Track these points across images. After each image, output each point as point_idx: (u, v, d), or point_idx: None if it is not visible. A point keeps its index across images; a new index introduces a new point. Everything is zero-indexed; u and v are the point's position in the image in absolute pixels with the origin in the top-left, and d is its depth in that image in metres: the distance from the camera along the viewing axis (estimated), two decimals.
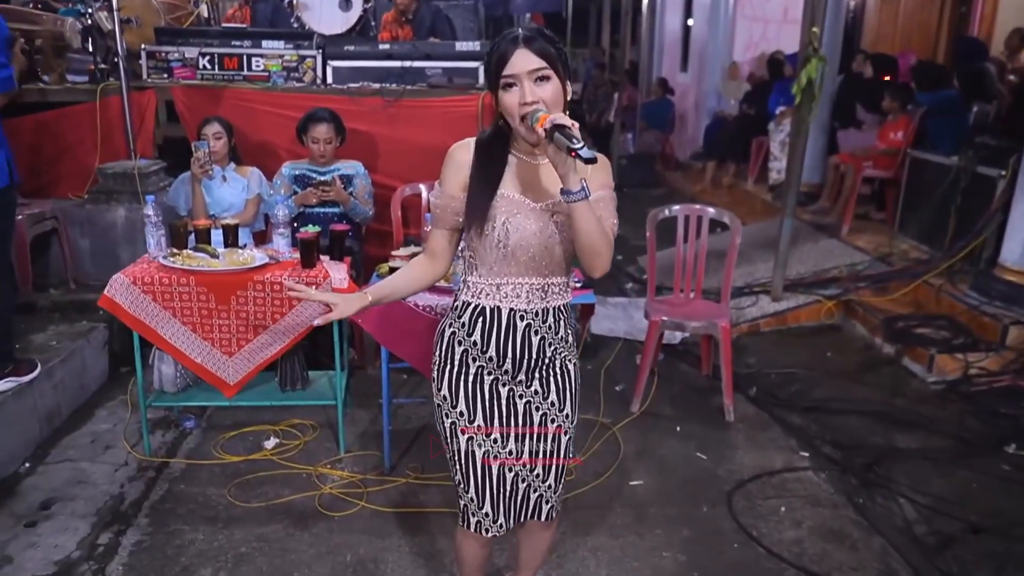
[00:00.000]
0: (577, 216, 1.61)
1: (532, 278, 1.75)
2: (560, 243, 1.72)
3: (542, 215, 1.70)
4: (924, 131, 5.55)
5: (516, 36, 1.61)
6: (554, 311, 1.79)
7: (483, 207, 1.69)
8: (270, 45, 4.70)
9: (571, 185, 1.57)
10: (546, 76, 1.61)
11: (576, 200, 1.58)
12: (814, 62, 4.08)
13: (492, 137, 1.73)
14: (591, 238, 1.64)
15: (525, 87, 1.59)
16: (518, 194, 1.70)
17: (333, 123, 3.87)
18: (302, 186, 3.86)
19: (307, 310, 2.90)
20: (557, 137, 1.49)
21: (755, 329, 4.56)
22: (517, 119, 1.61)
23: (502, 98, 1.62)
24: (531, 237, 1.70)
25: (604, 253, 1.67)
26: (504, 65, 1.60)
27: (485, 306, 1.76)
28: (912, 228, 5.27)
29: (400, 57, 4.74)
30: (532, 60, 1.59)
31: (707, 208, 3.67)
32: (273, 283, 2.86)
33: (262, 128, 4.47)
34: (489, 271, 1.74)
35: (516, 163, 1.72)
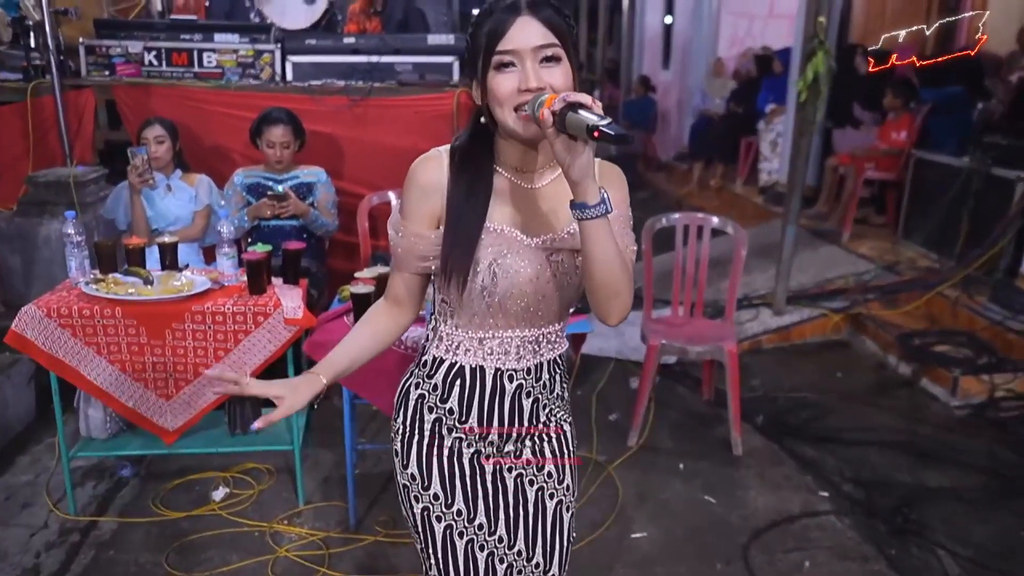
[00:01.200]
0: (592, 240, 1.20)
1: (524, 330, 1.35)
2: (560, 288, 1.33)
3: (538, 254, 1.30)
4: (926, 130, 5.24)
5: (517, 2, 1.20)
6: (549, 365, 1.40)
7: (467, 251, 1.27)
8: (223, 39, 4.26)
9: (587, 195, 1.17)
10: (555, 56, 1.20)
11: (593, 217, 1.18)
12: (820, 55, 3.73)
13: (471, 146, 1.31)
14: (609, 271, 1.23)
15: (528, 68, 1.19)
16: (508, 227, 1.29)
17: (291, 125, 3.46)
18: (257, 196, 3.44)
19: (258, 343, 2.49)
20: (571, 118, 1.08)
21: (757, 346, 4.21)
22: (509, 110, 1.21)
23: (494, 83, 1.21)
24: (525, 284, 1.29)
25: (625, 291, 1.27)
26: (499, 38, 1.19)
27: (464, 365, 1.36)
28: (918, 234, 4.96)
29: (367, 52, 4.33)
30: (538, 32, 1.19)
31: (710, 217, 3.31)
32: (216, 313, 2.44)
33: (214, 131, 4.03)
34: (469, 322, 1.34)
35: (504, 184, 1.31)
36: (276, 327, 2.47)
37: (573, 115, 1.08)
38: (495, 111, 1.24)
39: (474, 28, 1.24)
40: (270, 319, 2.46)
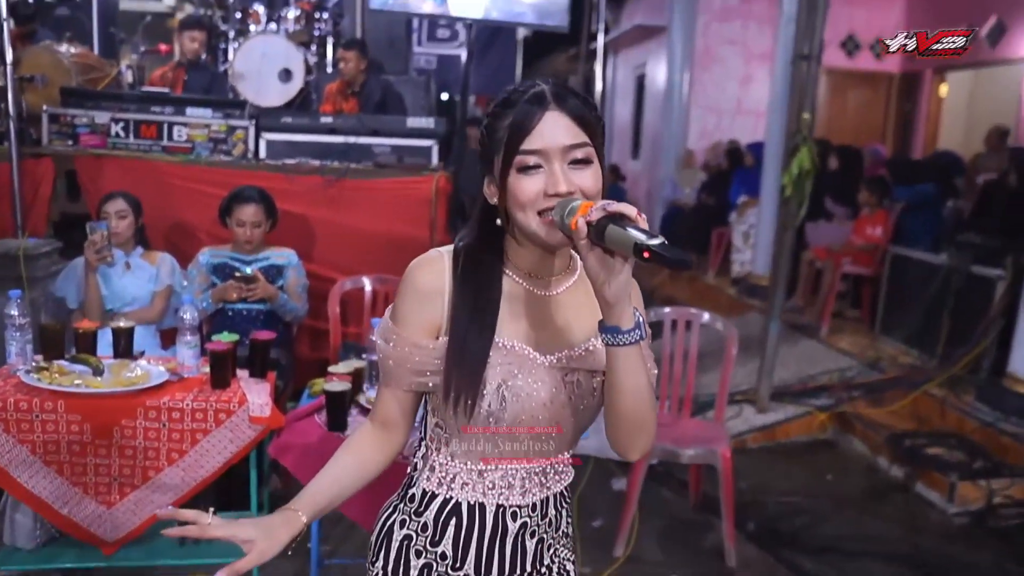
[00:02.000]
0: (622, 369, 1.05)
1: (532, 461, 1.16)
2: (576, 413, 1.15)
3: (553, 374, 1.12)
4: (900, 226, 5.29)
5: (541, 92, 1.06)
6: (556, 499, 1.21)
7: (475, 372, 1.08)
8: (195, 113, 4.13)
9: (621, 319, 1.02)
10: (586, 158, 1.06)
11: (626, 343, 1.03)
12: (805, 150, 3.73)
13: (479, 247, 1.14)
14: (639, 404, 1.08)
15: (556, 171, 1.04)
16: (520, 343, 1.12)
17: (263, 204, 3.29)
18: (223, 277, 3.23)
19: (218, 444, 2.24)
20: (613, 232, 0.93)
21: (741, 445, 4.05)
22: (532, 214, 1.06)
23: (516, 186, 1.06)
24: (538, 409, 1.11)
25: (651, 424, 1.12)
26: (524, 135, 1.04)
27: (461, 501, 1.16)
28: (897, 330, 4.93)
29: (344, 132, 4.24)
30: (568, 130, 1.04)
31: (701, 313, 3.19)
32: (173, 410, 2.19)
33: (180, 207, 3.85)
34: (469, 451, 1.15)
35: (514, 290, 1.14)
36: (240, 426, 2.23)
37: (616, 228, 0.94)
38: (514, 214, 1.08)
39: (491, 120, 1.09)
40: (233, 417, 2.22)
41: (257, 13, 6.01)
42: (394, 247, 3.88)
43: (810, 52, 3.75)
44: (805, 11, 3.78)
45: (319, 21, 6.16)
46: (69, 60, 4.61)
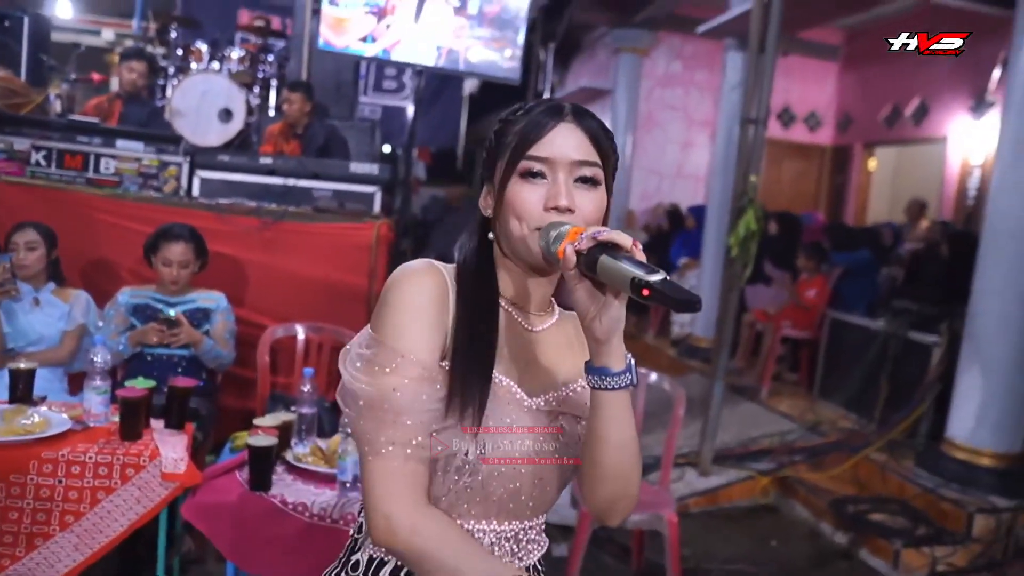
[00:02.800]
0: (610, 417, 0.93)
1: (504, 523, 1.01)
2: (564, 467, 1.02)
3: (539, 418, 0.99)
4: (836, 291, 5.38)
5: (560, 105, 0.98)
6: (528, 573, 1.06)
7: (479, 413, 0.94)
8: (126, 146, 3.92)
9: (610, 359, 0.90)
10: (594, 179, 0.97)
11: (616, 387, 0.92)
12: (751, 212, 3.75)
13: (479, 266, 1.01)
14: (625, 459, 0.96)
15: (560, 183, 0.94)
16: (506, 378, 0.99)
17: (192, 243, 3.09)
18: (143, 319, 3.00)
19: (123, 504, 2.00)
20: (607, 264, 0.83)
21: (684, 510, 3.93)
22: (527, 227, 0.95)
23: (514, 191, 0.96)
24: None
25: (636, 484, 1.00)
26: (534, 141, 0.95)
27: None
28: (835, 394, 4.95)
29: (284, 173, 4.09)
30: (581, 145, 0.96)
31: (649, 373, 3.10)
32: (72, 463, 1.95)
33: (102, 243, 3.61)
34: None
35: (506, 322, 1.02)
36: (150, 483, 2.00)
37: (609, 261, 0.83)
38: (509, 224, 0.97)
39: (502, 126, 1.00)
40: (143, 472, 1.99)
41: (200, 51, 5.88)
42: (330, 295, 3.72)
43: (757, 116, 3.81)
44: (753, 76, 3.84)
45: (264, 63, 6.06)
46: None
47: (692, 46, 8.34)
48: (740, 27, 4.90)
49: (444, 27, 4.87)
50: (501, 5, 5.08)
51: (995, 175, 3.63)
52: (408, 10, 4.76)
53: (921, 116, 7.60)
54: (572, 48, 9.89)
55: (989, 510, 3.42)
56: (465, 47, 5.25)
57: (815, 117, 8.89)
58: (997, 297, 3.50)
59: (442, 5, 4.94)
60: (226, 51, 5.95)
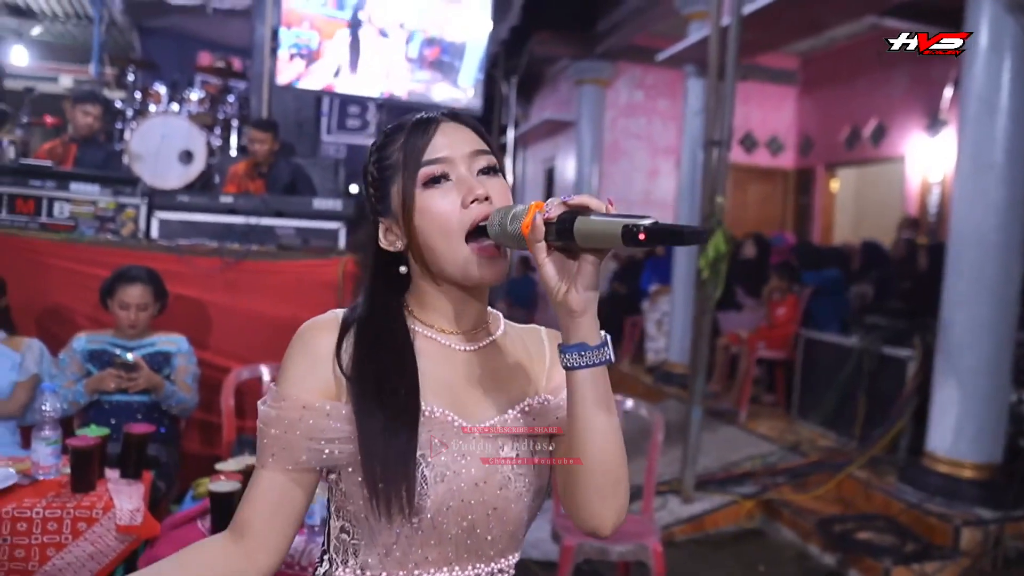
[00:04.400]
0: (591, 399, 0.86)
1: (467, 566, 0.93)
2: (517, 498, 0.93)
3: (486, 445, 0.92)
4: (808, 311, 5.40)
5: (431, 115, 0.95)
6: None
7: (407, 452, 0.87)
8: (81, 189, 3.81)
9: (588, 333, 0.84)
10: (492, 167, 0.93)
11: (595, 363, 0.85)
12: (720, 234, 3.74)
13: (378, 313, 0.96)
14: (610, 448, 0.89)
15: (468, 177, 0.91)
16: (440, 408, 0.92)
17: (151, 285, 2.98)
18: (100, 365, 2.88)
19: (75, 561, 1.87)
20: (587, 225, 0.78)
21: (669, 538, 3.84)
22: (458, 240, 0.89)
23: (426, 204, 0.90)
24: (469, 491, 0.90)
25: (625, 481, 0.92)
26: (425, 146, 0.91)
27: None
28: (813, 413, 4.92)
29: (245, 212, 4.00)
30: (469, 138, 0.93)
31: (625, 400, 3.04)
32: (18, 520, 1.82)
33: (56, 289, 3.48)
34: (384, 559, 0.91)
35: (428, 348, 0.96)
36: (104, 536, 1.88)
37: (589, 220, 0.78)
38: (436, 246, 0.91)
39: (379, 152, 0.95)
40: (96, 526, 1.87)
41: (158, 93, 5.80)
42: None
43: (720, 138, 3.82)
44: (714, 100, 3.87)
45: (224, 104, 5.99)
46: None
47: (653, 76, 8.46)
48: (699, 54, 4.97)
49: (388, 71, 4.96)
50: (441, 47, 5.15)
51: (955, 188, 3.67)
52: (341, 58, 4.83)
53: (879, 136, 7.75)
54: (535, 81, 9.98)
55: (975, 522, 3.38)
56: (408, 90, 5.30)
57: (776, 142, 9.03)
58: (965, 307, 3.52)
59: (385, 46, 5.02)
60: (185, 93, 5.88)
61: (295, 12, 5.13)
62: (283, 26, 5.13)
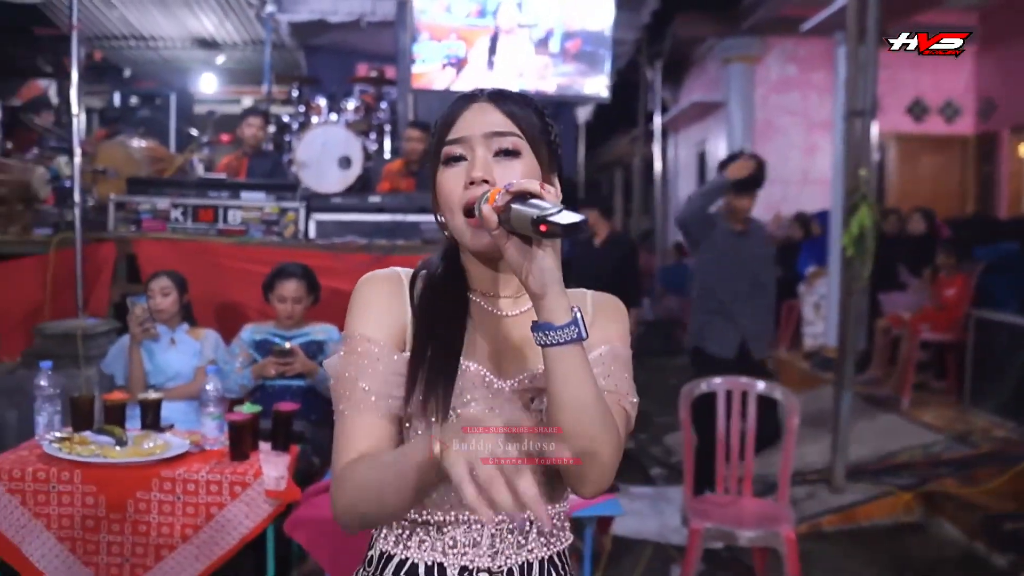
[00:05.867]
0: (560, 375, 0.90)
1: (500, 511, 1.01)
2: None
3: (512, 401, 0.99)
4: (981, 289, 4.92)
5: (476, 91, 1.01)
6: (542, 568, 1.03)
7: (445, 400, 0.96)
8: (250, 197, 4.27)
9: (553, 313, 0.88)
10: (514, 149, 0.97)
11: (561, 342, 0.89)
12: (865, 209, 3.53)
13: (442, 268, 1.05)
14: (581, 419, 0.91)
15: (478, 158, 0.96)
16: (474, 363, 1.00)
17: (304, 280, 3.29)
18: (263, 353, 3.22)
19: (234, 519, 2.14)
20: (517, 212, 0.84)
21: (815, 529, 3.70)
22: (458, 214, 0.97)
23: (440, 180, 0.99)
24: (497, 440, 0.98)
25: (604, 451, 0.93)
26: (451, 125, 0.99)
27: (417, 562, 1.00)
28: (988, 401, 4.50)
29: (392, 210, 4.29)
30: (494, 119, 0.98)
31: (755, 382, 2.97)
32: (188, 481, 2.13)
33: (230, 287, 3.92)
34: (427, 498, 1.00)
35: (480, 313, 1.04)
36: (256, 500, 2.14)
37: (518, 208, 0.84)
38: (445, 217, 1.00)
39: (433, 126, 1.04)
40: (249, 490, 2.13)
41: (319, 106, 6.29)
42: None
43: (863, 108, 3.60)
44: (855, 68, 3.65)
45: (378, 110, 6.40)
46: (139, 153, 4.89)
47: (806, 47, 8.00)
48: (845, 19, 4.67)
49: (525, 69, 5.04)
50: (582, 38, 5.16)
51: None
52: (480, 59, 4.96)
53: None
54: (682, 64, 9.76)
55: None
56: (552, 86, 5.37)
57: (952, 106, 8.24)
58: None
59: (520, 46, 5.10)
60: (343, 103, 6.34)
61: (443, 26, 5.42)
62: (433, 39, 5.42)
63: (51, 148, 5.74)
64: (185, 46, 7.63)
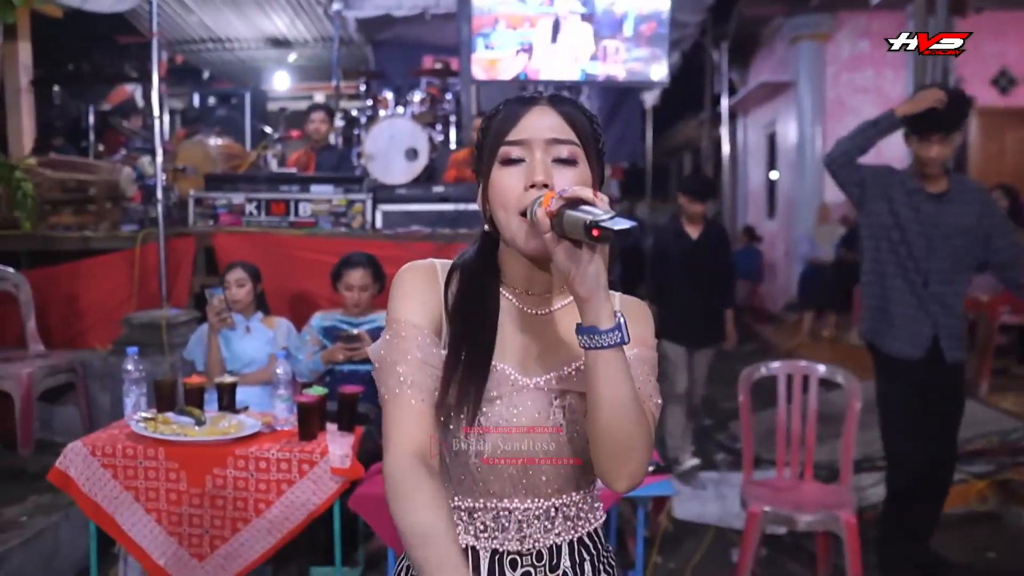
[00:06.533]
0: (602, 376, 0.95)
1: (526, 500, 1.06)
2: (569, 443, 1.05)
3: (539, 399, 1.04)
4: None
5: (536, 94, 1.05)
6: (571, 549, 1.08)
7: (476, 401, 1.02)
8: (319, 190, 4.43)
9: (598, 318, 0.93)
10: (571, 158, 1.01)
11: (604, 346, 0.93)
12: None
13: (478, 263, 1.09)
14: (621, 419, 0.96)
15: (537, 161, 1.00)
16: (502, 363, 1.04)
17: (370, 269, 3.41)
18: (332, 339, 3.36)
19: (302, 495, 2.28)
20: (569, 218, 0.88)
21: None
22: (513, 215, 1.00)
23: (496, 179, 1.02)
24: (519, 437, 1.03)
25: (639, 448, 0.98)
26: (511, 126, 1.02)
27: None
28: None
29: (455, 199, 4.39)
30: (555, 124, 1.01)
31: (815, 365, 2.94)
32: (259, 458, 2.27)
33: (301, 276, 4.10)
34: (457, 488, 1.07)
35: (505, 307, 1.07)
36: (322, 477, 2.27)
37: (571, 214, 0.88)
38: (497, 215, 1.03)
39: (485, 121, 1.08)
40: (316, 468, 2.26)
41: (386, 99, 6.45)
42: None
43: (933, 82, 3.48)
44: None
45: (443, 101, 6.51)
46: (215, 151, 5.13)
47: (879, 22, 7.70)
48: None
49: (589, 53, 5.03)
50: (657, 20, 5.12)
51: None
52: (544, 44, 4.99)
53: None
54: (748, 44, 9.54)
55: None
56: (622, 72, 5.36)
57: None
58: None
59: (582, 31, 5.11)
60: (409, 96, 6.47)
61: (516, 15, 5.50)
62: (509, 28, 5.52)
63: (137, 149, 6.08)
64: (259, 46, 7.92)
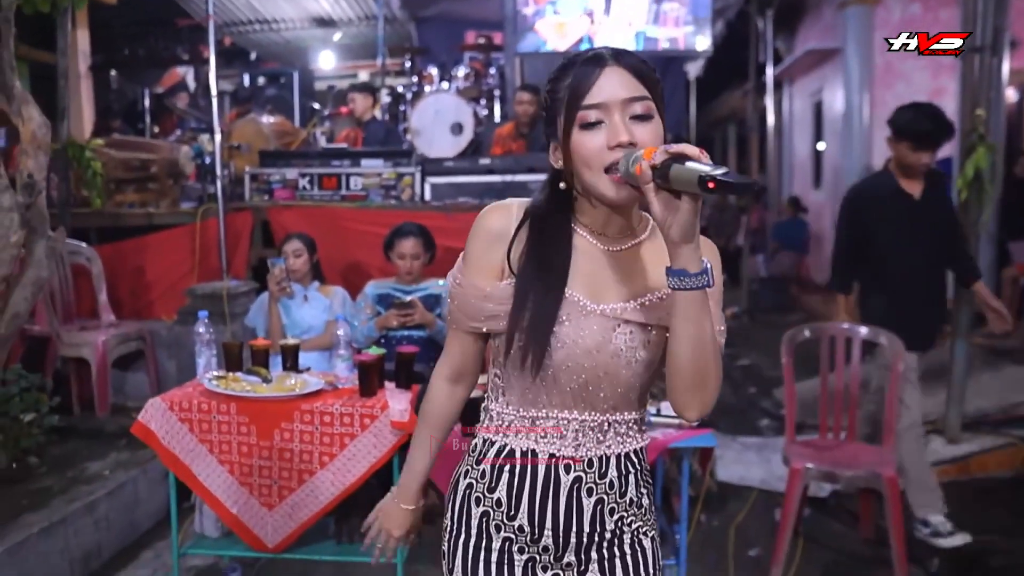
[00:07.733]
0: (687, 316, 1.06)
1: (583, 413, 1.18)
2: (627, 366, 1.16)
3: (603, 324, 1.15)
4: None
5: (600, 52, 1.11)
6: (618, 461, 1.21)
7: (546, 329, 1.13)
8: (369, 164, 4.57)
9: (689, 262, 1.02)
10: (646, 113, 1.09)
11: (692, 288, 1.04)
12: (981, 150, 3.40)
13: (550, 206, 1.19)
14: (701, 355, 1.08)
15: (617, 122, 1.08)
16: (573, 290, 1.15)
17: (421, 238, 3.54)
18: (386, 306, 3.51)
19: (364, 448, 2.43)
20: (678, 171, 0.96)
21: None
22: (599, 172, 1.09)
23: (579, 142, 1.10)
24: (582, 356, 1.14)
25: (713, 381, 1.10)
26: (585, 92, 1.09)
27: (514, 448, 1.20)
28: None
29: (502, 171, 4.49)
30: (628, 84, 1.09)
31: (857, 328, 2.98)
32: (323, 413, 2.42)
33: (353, 247, 4.26)
34: (522, 399, 1.20)
35: (581, 245, 1.18)
36: (382, 431, 2.41)
37: (680, 167, 0.96)
38: (582, 173, 1.12)
39: (552, 84, 1.15)
40: (377, 422, 2.40)
41: (431, 75, 6.55)
42: None
43: (983, 43, 3.45)
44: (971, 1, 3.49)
45: (487, 76, 6.57)
46: (268, 128, 5.31)
47: None
48: None
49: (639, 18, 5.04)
50: None
51: None
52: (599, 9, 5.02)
53: None
54: (794, 11, 9.36)
55: None
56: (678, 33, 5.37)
57: None
58: None
59: None
60: (453, 71, 6.56)
61: None
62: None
63: (191, 129, 6.30)
64: (304, 26, 8.06)
